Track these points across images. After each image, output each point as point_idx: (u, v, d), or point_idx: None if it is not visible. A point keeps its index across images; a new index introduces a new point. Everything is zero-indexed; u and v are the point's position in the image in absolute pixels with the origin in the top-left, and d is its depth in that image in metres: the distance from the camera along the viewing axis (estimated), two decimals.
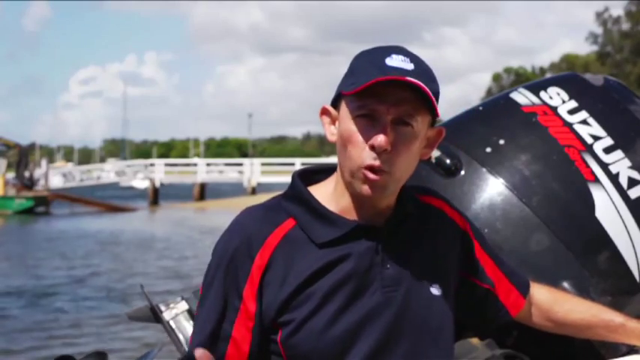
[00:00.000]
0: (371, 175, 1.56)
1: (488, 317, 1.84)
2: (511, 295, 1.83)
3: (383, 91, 1.54)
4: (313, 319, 1.57)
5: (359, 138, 1.57)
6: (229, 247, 1.62)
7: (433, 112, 1.61)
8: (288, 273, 1.59)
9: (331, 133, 1.65)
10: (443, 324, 1.67)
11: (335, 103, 1.65)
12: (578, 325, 1.87)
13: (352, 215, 1.64)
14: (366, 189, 1.58)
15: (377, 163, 1.56)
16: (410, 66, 1.57)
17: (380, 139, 1.54)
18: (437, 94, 1.58)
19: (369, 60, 1.59)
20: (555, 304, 1.88)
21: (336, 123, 1.64)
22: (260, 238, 1.60)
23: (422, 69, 1.59)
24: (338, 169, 1.65)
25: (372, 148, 1.55)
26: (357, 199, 1.63)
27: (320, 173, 1.73)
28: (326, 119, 1.66)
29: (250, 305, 1.59)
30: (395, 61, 1.57)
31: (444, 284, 1.69)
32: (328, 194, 1.66)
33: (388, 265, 1.63)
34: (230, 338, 1.60)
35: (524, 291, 1.85)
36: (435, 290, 1.67)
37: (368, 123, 1.56)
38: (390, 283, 1.62)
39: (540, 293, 1.88)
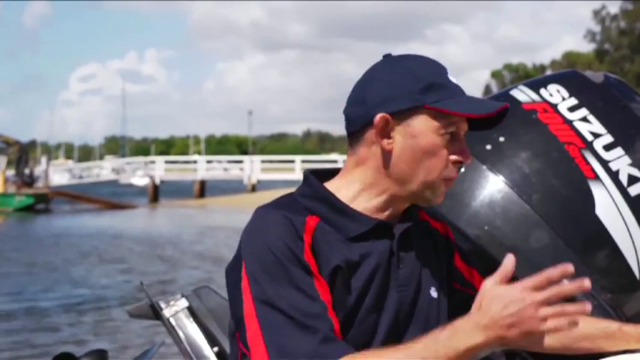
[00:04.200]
0: (450, 185, 1.68)
1: None
2: None
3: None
4: (351, 315, 1.61)
5: (444, 152, 1.64)
6: (276, 238, 1.59)
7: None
8: (327, 258, 1.60)
9: (387, 142, 1.65)
10: (440, 325, 1.70)
11: (397, 112, 1.63)
12: (576, 337, 1.86)
13: (370, 215, 1.68)
14: (441, 199, 1.69)
15: (457, 174, 1.68)
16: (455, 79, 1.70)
17: (468, 155, 1.67)
18: None
19: (439, 75, 1.66)
20: None
21: (392, 132, 1.64)
22: (300, 222, 1.61)
23: None
24: (370, 173, 1.67)
25: (457, 163, 1.66)
26: (387, 202, 1.68)
27: (325, 175, 1.74)
28: (381, 127, 1.64)
29: (320, 278, 1.59)
30: (452, 77, 1.68)
31: (439, 288, 1.75)
32: (345, 193, 1.69)
33: (401, 266, 1.68)
34: (327, 310, 1.56)
35: None
36: (434, 293, 1.73)
37: (449, 139, 1.65)
38: (402, 282, 1.68)
39: None
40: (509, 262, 1.48)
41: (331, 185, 1.71)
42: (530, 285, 1.44)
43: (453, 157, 1.65)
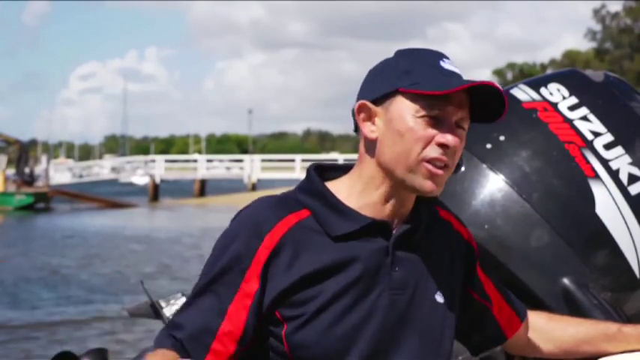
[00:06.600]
0: (436, 170, 1.59)
1: (484, 334, 1.85)
2: (508, 316, 1.86)
3: (450, 94, 1.58)
4: (321, 315, 1.58)
5: (424, 134, 1.59)
6: (239, 228, 1.63)
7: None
8: (297, 260, 1.59)
9: (371, 130, 1.64)
10: (444, 332, 1.68)
11: (377, 100, 1.63)
12: (577, 341, 1.87)
13: (369, 213, 1.64)
14: (429, 184, 1.60)
15: (444, 157, 1.59)
16: (458, 70, 1.64)
17: (453, 138, 1.59)
18: None
19: (425, 62, 1.63)
20: (550, 322, 1.90)
21: (375, 120, 1.63)
22: (271, 221, 1.61)
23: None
24: (367, 166, 1.65)
25: (441, 145, 1.58)
26: (385, 197, 1.64)
27: (335, 171, 1.73)
28: (363, 116, 1.65)
29: (252, 284, 1.58)
30: (448, 65, 1.63)
31: (448, 293, 1.70)
32: (346, 190, 1.66)
33: (397, 268, 1.64)
34: (226, 313, 1.59)
35: (522, 315, 1.88)
36: (440, 298, 1.69)
37: (432, 122, 1.59)
38: (397, 286, 1.63)
39: (535, 318, 1.91)
40: None
41: (336, 183, 1.68)
42: None
43: (436, 140, 1.58)
